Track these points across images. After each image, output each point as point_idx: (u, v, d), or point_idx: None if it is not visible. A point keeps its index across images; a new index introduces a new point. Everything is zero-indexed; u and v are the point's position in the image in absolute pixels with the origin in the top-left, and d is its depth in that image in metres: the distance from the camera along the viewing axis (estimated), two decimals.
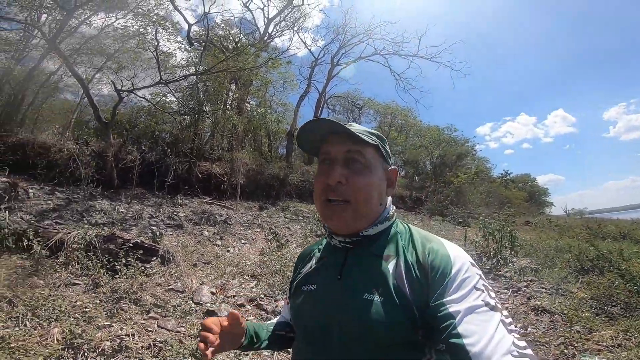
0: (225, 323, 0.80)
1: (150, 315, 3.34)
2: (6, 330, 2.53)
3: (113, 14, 11.28)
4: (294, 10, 16.63)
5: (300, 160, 17.08)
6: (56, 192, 7.37)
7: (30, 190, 6.93)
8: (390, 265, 0.73)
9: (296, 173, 13.65)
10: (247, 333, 0.90)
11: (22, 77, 11.04)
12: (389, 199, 0.84)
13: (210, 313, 3.63)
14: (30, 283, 3.34)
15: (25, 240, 3.90)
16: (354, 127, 0.78)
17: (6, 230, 4.10)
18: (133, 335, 2.96)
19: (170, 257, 4.44)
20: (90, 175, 7.96)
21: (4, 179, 6.58)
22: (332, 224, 0.78)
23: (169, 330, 3.21)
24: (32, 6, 10.62)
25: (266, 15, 16.38)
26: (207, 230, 6.78)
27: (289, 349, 0.97)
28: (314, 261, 0.90)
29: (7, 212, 5.24)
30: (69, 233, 4.13)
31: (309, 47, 19.43)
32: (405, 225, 0.83)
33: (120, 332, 2.93)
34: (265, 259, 5.30)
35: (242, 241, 6.74)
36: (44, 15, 11.04)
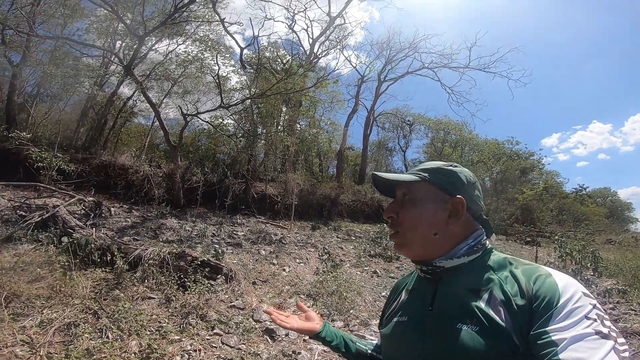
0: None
1: (214, 331, 3.50)
2: (91, 342, 2.80)
3: (174, 40, 12.52)
4: (337, 29, 17.00)
5: (350, 179, 17.09)
6: (133, 211, 8.18)
7: (112, 209, 7.78)
8: (484, 298, 0.72)
9: (347, 193, 13.65)
10: (328, 333, 1.06)
11: (104, 103, 12.42)
12: (479, 233, 0.83)
13: (270, 331, 3.70)
14: (113, 296, 3.70)
15: (109, 255, 4.35)
16: (418, 167, 0.89)
17: (92, 245, 4.61)
18: (199, 350, 3.12)
19: (233, 275, 4.63)
20: (161, 195, 8.72)
21: (91, 198, 7.48)
22: (396, 250, 0.91)
23: (231, 347, 3.32)
24: (107, 32, 12.17)
25: (310, 36, 16.91)
26: (264, 249, 7.00)
27: None
28: (404, 293, 0.93)
29: (93, 228, 5.93)
30: (146, 249, 4.53)
31: (354, 65, 19.51)
32: (503, 256, 0.82)
33: (189, 347, 3.10)
34: (321, 279, 5.30)
35: (297, 260, 6.83)
36: (118, 42, 12.51)
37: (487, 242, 0.85)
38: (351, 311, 4.45)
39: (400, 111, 20.84)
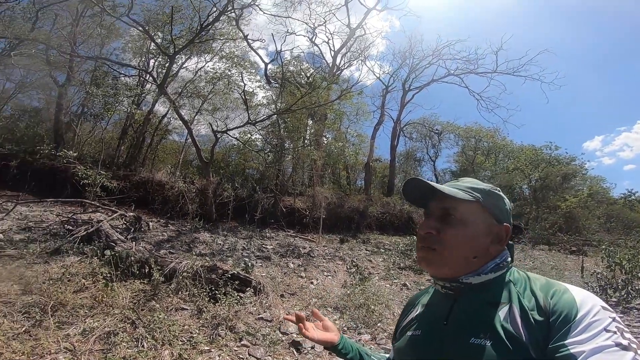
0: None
1: (242, 342, 3.56)
2: (128, 350, 2.96)
3: (203, 58, 13.12)
4: (358, 40, 17.11)
5: (379, 191, 16.90)
6: (169, 225, 8.58)
7: (150, 223, 8.20)
8: (502, 311, 0.72)
9: (376, 205, 13.51)
10: (345, 345, 1.05)
11: (141, 121, 13.10)
12: (505, 252, 0.83)
13: (296, 344, 3.71)
14: (149, 306, 3.88)
15: (147, 268, 4.59)
16: (460, 183, 0.85)
17: (132, 258, 4.89)
18: None
19: (261, 288, 4.72)
20: (194, 210, 9.09)
21: (131, 213, 7.94)
22: (421, 265, 0.86)
23: (257, 358, 3.36)
24: (141, 52, 12.93)
25: (332, 48, 17.16)
26: (292, 263, 7.07)
27: None
28: (420, 307, 0.92)
29: (133, 242, 6.28)
30: (181, 262, 4.73)
31: (378, 75, 19.38)
32: (522, 272, 0.82)
33: (217, 358, 3.18)
34: (349, 292, 5.26)
35: (325, 273, 6.83)
36: (152, 61, 13.22)
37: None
38: (379, 324, 4.37)
39: (427, 120, 20.51)
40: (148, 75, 11.57)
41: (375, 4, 16.35)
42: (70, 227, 6.19)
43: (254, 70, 13.64)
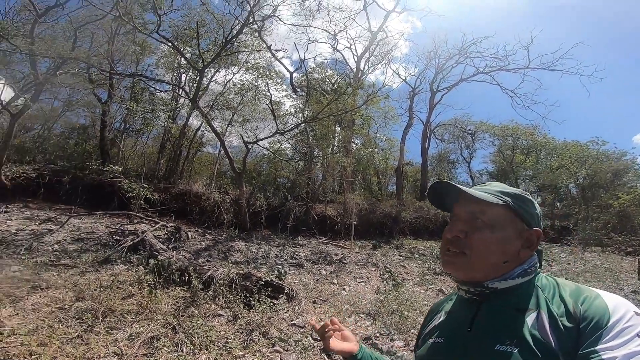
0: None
1: (275, 348, 3.64)
2: (169, 355, 3.13)
3: (230, 70, 13.61)
4: (380, 43, 16.96)
5: (412, 196, 16.54)
6: (206, 234, 8.96)
7: (189, 233, 8.61)
8: (530, 318, 0.71)
9: (409, 210, 13.24)
10: (364, 355, 1.03)
11: (177, 135, 13.75)
12: (534, 258, 0.82)
13: (325, 350, 3.73)
14: (189, 313, 4.09)
15: (186, 276, 4.83)
16: (488, 187, 0.83)
17: (173, 266, 5.17)
18: None
19: (294, 295, 4.80)
20: (230, 219, 9.44)
21: (172, 224, 8.39)
22: (447, 269, 0.84)
23: None
24: (173, 67, 13.60)
25: (355, 53, 17.09)
26: (325, 269, 7.11)
27: None
28: (442, 314, 0.92)
29: (174, 251, 6.64)
30: (217, 270, 4.95)
31: (404, 78, 18.99)
32: (551, 278, 0.81)
33: None
34: (381, 298, 5.20)
35: (357, 280, 6.80)
36: (183, 76, 13.81)
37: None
38: (412, 330, 4.28)
39: (459, 121, 19.82)
40: (181, 90, 12.22)
41: (394, 7, 16.25)
42: (118, 238, 6.66)
43: (279, 80, 13.96)
